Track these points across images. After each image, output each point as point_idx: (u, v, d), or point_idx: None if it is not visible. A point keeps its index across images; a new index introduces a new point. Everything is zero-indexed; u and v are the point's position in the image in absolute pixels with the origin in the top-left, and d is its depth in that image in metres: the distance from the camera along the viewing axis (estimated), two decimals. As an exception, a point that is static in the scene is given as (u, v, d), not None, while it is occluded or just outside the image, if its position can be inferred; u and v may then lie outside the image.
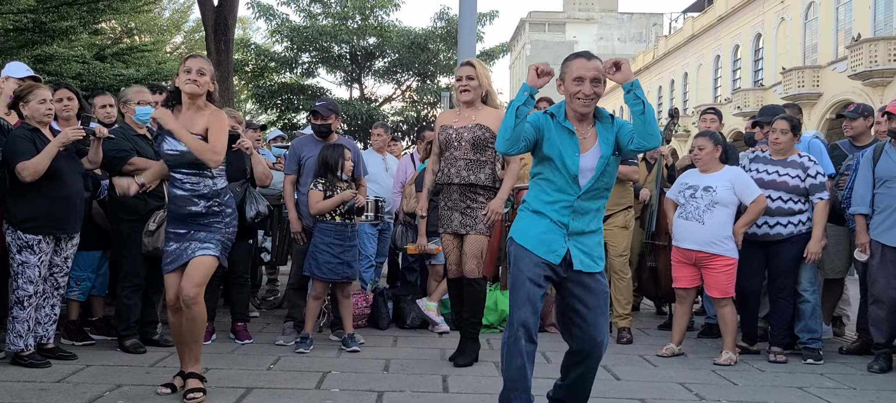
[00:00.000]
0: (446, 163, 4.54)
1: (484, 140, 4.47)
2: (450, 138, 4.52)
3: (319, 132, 5.29)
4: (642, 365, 4.70)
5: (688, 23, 41.33)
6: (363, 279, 6.50)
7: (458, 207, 4.51)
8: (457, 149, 4.50)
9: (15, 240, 4.15)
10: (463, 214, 4.49)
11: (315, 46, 17.82)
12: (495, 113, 4.56)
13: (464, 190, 4.49)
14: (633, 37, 63.97)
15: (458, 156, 4.49)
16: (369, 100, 18.51)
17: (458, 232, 4.53)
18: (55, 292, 4.36)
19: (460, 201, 4.50)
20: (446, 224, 4.57)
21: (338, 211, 4.88)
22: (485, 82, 4.55)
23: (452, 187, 4.52)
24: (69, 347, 4.61)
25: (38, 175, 4.07)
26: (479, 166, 4.49)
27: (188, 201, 3.64)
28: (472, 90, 4.51)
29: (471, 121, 4.50)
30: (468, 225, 4.50)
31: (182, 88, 3.64)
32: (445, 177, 4.54)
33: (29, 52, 12.59)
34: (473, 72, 4.51)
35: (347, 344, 4.88)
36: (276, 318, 5.97)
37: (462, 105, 4.58)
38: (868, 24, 24.29)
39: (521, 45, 65.99)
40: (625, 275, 5.54)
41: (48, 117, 4.28)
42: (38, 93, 4.23)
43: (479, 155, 4.49)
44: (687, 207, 4.88)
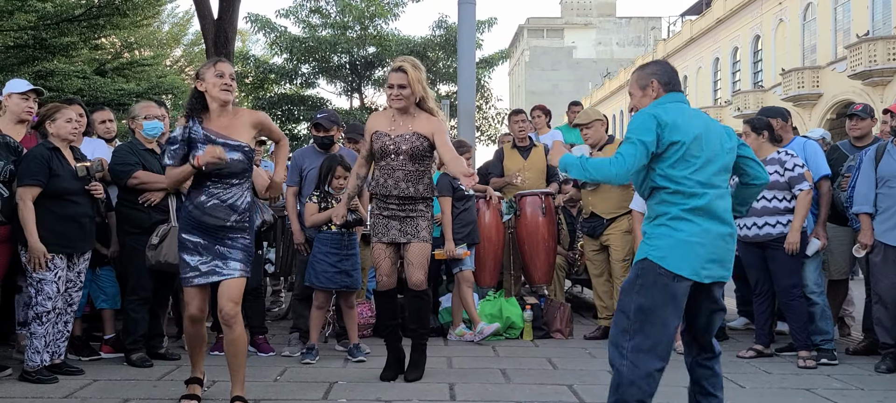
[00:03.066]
0: (382, 172, 4.27)
1: (422, 150, 4.23)
2: (386, 147, 4.23)
3: (322, 144, 5.30)
4: (649, 370, 4.69)
5: (686, 26, 41.39)
6: (368, 288, 6.50)
7: (397, 216, 4.26)
8: (394, 159, 4.23)
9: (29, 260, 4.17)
10: (402, 222, 4.26)
11: (314, 57, 17.87)
12: (430, 120, 4.28)
13: (402, 201, 4.25)
14: (632, 41, 64.06)
15: (396, 167, 4.23)
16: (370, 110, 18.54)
17: (397, 242, 4.29)
18: (68, 308, 4.38)
19: (399, 211, 4.26)
20: (382, 232, 4.29)
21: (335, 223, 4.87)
22: (418, 88, 4.21)
23: (390, 198, 4.26)
24: (76, 362, 4.61)
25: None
26: (418, 177, 4.26)
27: (223, 213, 3.50)
28: (404, 99, 4.21)
29: (408, 130, 4.23)
30: (409, 233, 4.25)
31: (215, 95, 3.49)
32: (382, 188, 4.26)
33: (30, 69, 12.65)
34: (405, 79, 4.18)
35: (353, 354, 4.88)
36: (281, 329, 5.97)
37: (395, 111, 4.28)
38: (866, 24, 24.31)
39: (520, 52, 66.09)
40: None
41: (74, 136, 4.35)
42: (65, 113, 4.30)
43: (416, 166, 4.25)
44: None
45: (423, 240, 4.28)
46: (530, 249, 5.89)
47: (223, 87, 3.48)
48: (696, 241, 2.89)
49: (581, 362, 4.91)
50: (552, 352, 5.21)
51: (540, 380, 4.37)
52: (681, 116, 2.97)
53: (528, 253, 5.92)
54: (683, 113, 3.00)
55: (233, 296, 3.47)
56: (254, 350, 5.09)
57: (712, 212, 2.94)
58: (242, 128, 3.53)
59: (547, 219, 5.89)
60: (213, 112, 3.53)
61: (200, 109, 3.53)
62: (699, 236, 2.90)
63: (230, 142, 3.48)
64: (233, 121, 3.53)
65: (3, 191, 4.17)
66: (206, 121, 3.52)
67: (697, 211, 2.91)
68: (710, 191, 2.94)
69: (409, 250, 4.28)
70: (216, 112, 3.53)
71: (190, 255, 3.51)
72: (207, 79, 3.49)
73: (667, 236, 2.93)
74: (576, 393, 4.05)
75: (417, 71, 4.24)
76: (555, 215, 6.13)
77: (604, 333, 5.73)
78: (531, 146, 6.31)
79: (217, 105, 3.51)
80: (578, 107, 8.04)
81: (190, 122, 3.52)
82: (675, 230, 2.91)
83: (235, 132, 3.51)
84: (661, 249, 2.91)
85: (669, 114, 2.95)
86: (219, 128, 3.50)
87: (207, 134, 3.48)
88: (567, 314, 5.89)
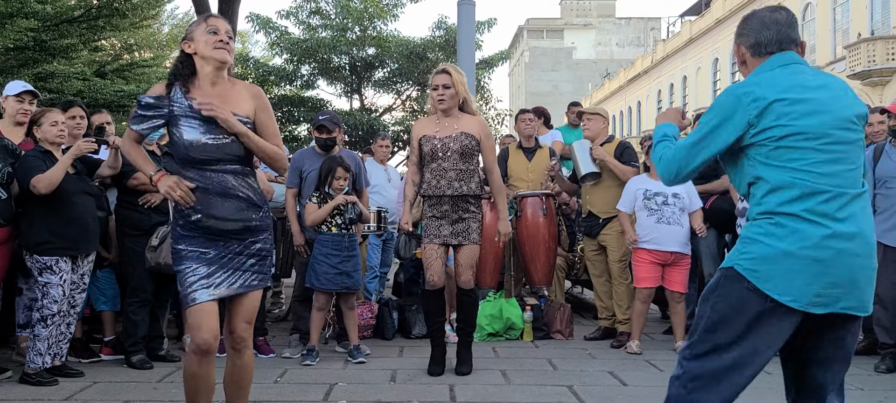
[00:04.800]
0: (433, 174, 4.42)
1: (471, 149, 4.40)
2: (435, 149, 4.39)
3: (325, 146, 5.30)
4: (649, 370, 4.70)
5: (685, 27, 41.40)
6: (368, 290, 6.50)
7: (450, 218, 4.42)
8: (444, 159, 4.39)
9: (35, 264, 4.19)
10: (454, 224, 4.43)
11: (315, 58, 17.85)
12: (477, 120, 4.50)
13: (456, 201, 4.42)
14: (632, 41, 64.07)
15: (448, 167, 4.39)
16: (370, 111, 18.53)
17: (448, 243, 4.47)
18: (72, 310, 4.38)
19: (452, 212, 4.41)
20: (434, 234, 4.45)
21: (335, 221, 4.89)
22: (461, 90, 4.42)
23: (444, 199, 4.41)
24: (76, 364, 4.61)
25: (52, 187, 4.09)
26: (469, 176, 4.42)
27: (241, 214, 2.80)
28: (448, 99, 4.38)
29: (454, 131, 4.40)
30: (461, 235, 4.43)
31: (209, 55, 2.76)
32: (435, 189, 4.41)
33: (30, 71, 12.64)
34: (450, 80, 4.37)
35: (353, 356, 4.88)
36: (281, 331, 5.97)
37: (440, 113, 4.46)
38: (865, 24, 24.33)
39: (520, 52, 66.10)
40: (624, 280, 5.57)
41: (61, 138, 4.35)
42: (50, 116, 4.32)
43: (467, 164, 4.42)
44: (664, 213, 5.19)
45: (473, 243, 4.46)
46: (531, 250, 5.90)
47: (217, 44, 2.75)
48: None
49: (581, 363, 4.91)
50: (552, 353, 5.21)
51: (540, 381, 4.37)
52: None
53: (528, 254, 5.93)
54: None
55: (248, 315, 2.90)
56: (255, 351, 5.09)
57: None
58: (240, 99, 2.82)
59: (547, 220, 5.90)
60: (203, 79, 2.79)
61: (188, 73, 2.80)
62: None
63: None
64: (229, 91, 2.82)
65: (2, 194, 4.17)
66: (194, 91, 2.78)
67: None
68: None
69: (461, 252, 4.46)
70: (209, 78, 2.79)
71: (191, 264, 2.78)
72: (197, 38, 2.78)
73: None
74: (576, 394, 4.05)
75: (460, 74, 4.45)
76: (555, 216, 6.14)
77: (604, 334, 5.74)
78: (536, 147, 6.32)
79: (211, 68, 2.78)
80: (577, 107, 8.05)
81: (171, 91, 2.78)
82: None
83: (233, 102, 2.79)
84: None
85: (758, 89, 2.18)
86: (212, 97, 2.76)
87: (197, 105, 2.73)
88: (567, 315, 5.89)
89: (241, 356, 2.92)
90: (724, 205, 5.54)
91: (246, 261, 2.84)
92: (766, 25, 2.28)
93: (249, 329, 2.91)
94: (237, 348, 2.91)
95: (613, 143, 5.75)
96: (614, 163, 5.58)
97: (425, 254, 4.51)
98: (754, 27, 2.30)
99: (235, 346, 2.91)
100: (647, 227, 5.23)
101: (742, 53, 2.35)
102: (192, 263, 2.77)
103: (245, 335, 2.90)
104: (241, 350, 2.91)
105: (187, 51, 2.81)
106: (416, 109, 18.60)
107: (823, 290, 2.08)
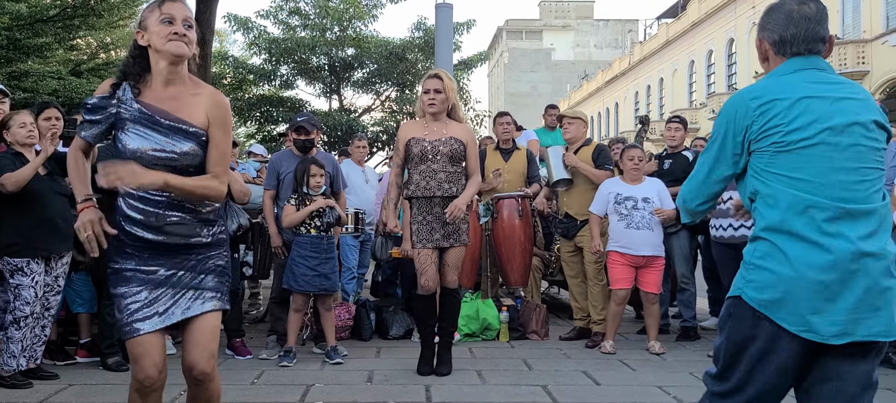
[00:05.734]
0: (423, 176, 4.47)
1: (459, 153, 4.48)
2: (425, 151, 4.46)
3: (303, 147, 5.32)
4: (622, 370, 4.77)
5: (662, 29, 41.80)
6: (346, 291, 6.53)
7: (440, 220, 4.46)
8: (434, 162, 4.46)
9: (6, 266, 4.17)
10: (445, 227, 4.47)
11: (293, 58, 17.80)
12: (464, 127, 4.60)
13: (445, 202, 4.46)
14: (610, 43, 64.56)
15: (437, 169, 4.45)
16: (348, 111, 18.52)
17: (441, 246, 4.50)
18: (46, 313, 4.36)
19: (442, 213, 4.45)
20: (426, 238, 4.47)
21: (313, 224, 4.91)
22: (451, 96, 4.51)
23: (434, 200, 4.46)
24: (51, 366, 4.59)
25: (19, 185, 4.09)
26: (457, 178, 4.51)
27: (189, 229, 2.39)
28: (438, 103, 4.47)
29: (444, 135, 4.47)
30: (452, 238, 4.49)
31: (162, 48, 2.32)
32: (424, 190, 4.46)
33: (3, 70, 12.49)
34: (441, 85, 4.46)
35: (330, 357, 4.91)
36: (258, 332, 5.98)
37: (429, 117, 4.53)
38: (836, 28, 24.74)
39: (499, 53, 66.29)
40: (599, 281, 5.65)
41: (31, 139, 4.34)
42: (18, 119, 4.33)
43: (455, 167, 4.50)
44: (633, 217, 5.27)
45: (462, 244, 4.54)
46: (507, 251, 5.96)
47: (171, 36, 2.31)
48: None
49: (556, 363, 4.98)
50: (528, 353, 5.27)
51: (515, 381, 4.43)
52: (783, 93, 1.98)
53: (504, 255, 5.98)
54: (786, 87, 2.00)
55: (208, 344, 2.39)
56: (231, 353, 5.10)
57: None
58: (196, 108, 2.37)
59: (523, 222, 5.96)
60: (157, 77, 2.37)
61: (139, 71, 2.37)
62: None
63: (179, 124, 2.34)
64: (186, 94, 2.38)
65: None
66: (146, 90, 2.37)
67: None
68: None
69: (449, 253, 4.52)
70: (162, 77, 2.36)
71: (131, 287, 2.35)
72: (150, 27, 2.34)
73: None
74: (549, 394, 4.12)
75: (451, 81, 4.54)
76: (531, 217, 6.20)
77: (579, 334, 5.82)
78: (513, 148, 6.38)
79: (165, 64, 2.34)
80: (555, 110, 8.14)
81: (120, 90, 2.36)
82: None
83: (186, 110, 2.36)
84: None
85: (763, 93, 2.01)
86: (163, 101, 2.34)
87: (145, 109, 2.32)
88: (543, 315, 5.96)
89: (203, 389, 2.42)
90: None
91: (200, 279, 2.41)
92: (794, 21, 2.04)
93: (213, 361, 2.39)
94: (199, 382, 2.40)
95: (591, 146, 5.83)
96: (587, 168, 5.67)
97: (419, 259, 4.51)
98: (780, 22, 2.06)
99: (197, 382, 2.40)
100: (618, 231, 5.32)
101: (764, 49, 2.11)
102: (132, 286, 2.35)
103: (207, 369, 2.37)
104: (203, 383, 2.40)
105: (140, 42, 2.37)
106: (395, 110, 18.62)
107: (839, 316, 1.87)
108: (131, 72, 2.37)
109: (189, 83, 2.42)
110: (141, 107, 2.34)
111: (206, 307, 2.40)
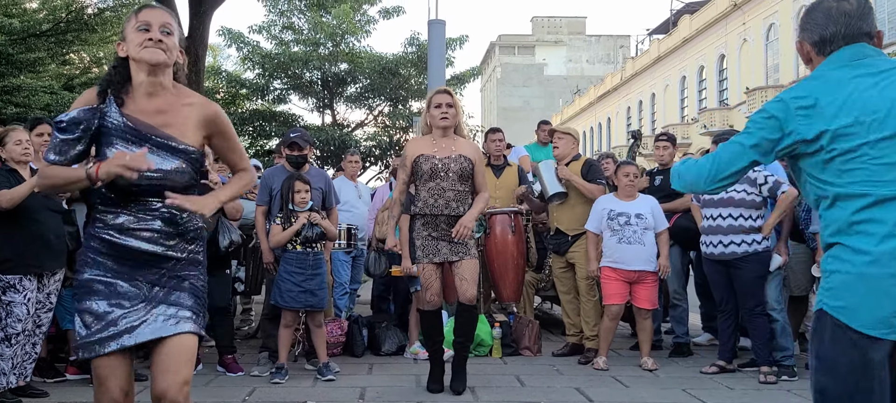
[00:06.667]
0: (431, 193, 4.43)
1: (468, 172, 4.48)
2: (435, 168, 4.43)
3: (296, 163, 5.32)
4: (614, 386, 4.77)
5: (654, 45, 42.08)
6: (338, 306, 6.52)
7: (446, 237, 4.43)
8: (444, 179, 4.43)
9: None
10: (451, 242, 4.44)
11: (287, 73, 17.84)
12: (472, 144, 4.66)
13: (451, 221, 4.44)
14: (601, 58, 64.92)
15: (447, 188, 4.43)
16: (341, 126, 18.55)
17: (448, 260, 4.46)
18: (37, 330, 4.34)
19: (448, 231, 4.42)
20: (431, 253, 4.45)
21: (299, 239, 4.90)
22: (459, 111, 4.58)
23: (440, 218, 4.43)
24: (40, 384, 4.56)
25: (15, 202, 4.08)
26: (464, 197, 4.49)
27: (161, 243, 2.25)
28: (451, 117, 4.51)
29: (452, 152, 4.48)
30: (460, 251, 4.44)
31: (138, 57, 2.22)
32: (432, 208, 4.42)
33: (-4, 84, 12.46)
34: (451, 100, 4.53)
35: (323, 374, 4.89)
36: (250, 349, 5.95)
37: (438, 132, 4.53)
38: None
39: (492, 69, 66.55)
40: (592, 297, 5.65)
41: (26, 156, 4.33)
42: (14, 135, 4.32)
43: (464, 185, 4.49)
44: (624, 233, 5.28)
45: (473, 257, 4.50)
46: (500, 267, 5.96)
47: (144, 43, 2.20)
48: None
49: (549, 379, 4.98)
50: (520, 369, 5.27)
51: (507, 397, 4.42)
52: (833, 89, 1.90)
53: (497, 271, 5.98)
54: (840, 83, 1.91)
55: (181, 369, 2.19)
56: (223, 369, 5.08)
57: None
58: (188, 123, 2.28)
59: (516, 237, 5.97)
60: (139, 89, 2.26)
61: (121, 83, 2.26)
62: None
63: (169, 142, 2.24)
64: (172, 107, 2.28)
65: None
66: (130, 103, 2.25)
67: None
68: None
69: (462, 267, 4.46)
70: (144, 89, 2.26)
71: (98, 302, 2.20)
72: (128, 36, 2.25)
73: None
74: (543, 410, 4.11)
75: (457, 97, 4.59)
76: (524, 233, 6.21)
77: (572, 350, 5.82)
78: (505, 165, 6.40)
79: (144, 76, 2.24)
80: (548, 126, 8.17)
81: (104, 102, 2.24)
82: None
83: (177, 126, 2.26)
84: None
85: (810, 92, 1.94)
86: (149, 115, 2.24)
87: (130, 123, 2.22)
88: (536, 331, 5.96)
89: None
90: (687, 223, 5.65)
91: (175, 296, 2.26)
92: (833, 19, 1.97)
93: (185, 388, 2.19)
94: None
95: (580, 162, 5.85)
96: (581, 182, 5.68)
97: (423, 275, 4.48)
98: (819, 21, 2.00)
99: None
100: (610, 247, 5.33)
101: (806, 51, 2.05)
102: (99, 300, 2.20)
103: (179, 398, 2.16)
104: None
105: (120, 54, 2.27)
106: (388, 125, 18.65)
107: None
108: (113, 81, 2.25)
109: (175, 92, 2.31)
110: (126, 120, 2.22)
111: (180, 328, 2.21)
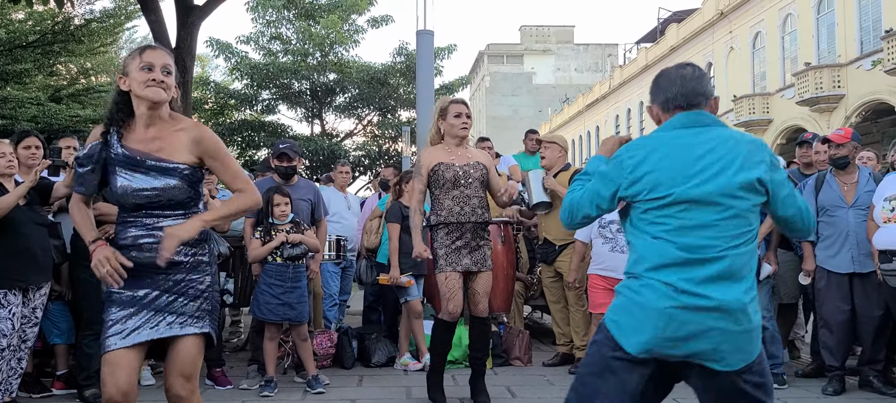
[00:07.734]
0: (456, 202, 4.39)
1: (487, 179, 4.52)
2: (458, 176, 4.41)
3: (285, 174, 5.30)
4: (605, 396, 4.76)
5: (641, 53, 42.27)
6: (327, 318, 6.49)
7: (469, 246, 4.41)
8: (467, 187, 4.42)
9: None
10: (473, 253, 4.42)
11: (275, 83, 17.82)
12: (484, 152, 4.74)
13: (477, 228, 4.44)
14: (590, 67, 65.11)
15: (471, 195, 4.42)
16: (330, 136, 18.53)
17: (470, 270, 4.42)
18: (23, 345, 4.30)
19: (472, 240, 4.41)
20: (455, 262, 4.38)
21: (279, 252, 4.88)
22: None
23: (466, 226, 4.40)
24: (26, 399, 4.51)
25: (2, 213, 4.04)
26: (486, 204, 4.52)
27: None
28: (469, 126, 4.58)
29: (471, 160, 4.49)
30: (479, 263, 4.43)
31: (141, 94, 2.52)
32: (459, 216, 4.38)
33: (-19, 96, 12.39)
34: (470, 111, 4.59)
35: (312, 386, 4.86)
36: (239, 361, 5.92)
37: (453, 141, 4.51)
38: (812, 53, 25.17)
39: (481, 77, 66.67)
40: (580, 306, 5.66)
41: (10, 169, 4.30)
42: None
43: (484, 192, 4.53)
44: (618, 241, 5.23)
45: (489, 270, 4.50)
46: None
47: (149, 82, 2.50)
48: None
49: (539, 390, 4.97)
50: (511, 380, 5.26)
51: (498, 409, 4.41)
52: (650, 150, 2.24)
53: (487, 281, 5.97)
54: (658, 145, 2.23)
55: (183, 368, 2.50)
56: (211, 383, 5.04)
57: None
58: (178, 146, 2.57)
59: (506, 247, 5.97)
60: (139, 120, 2.58)
61: (123, 117, 2.59)
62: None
63: (160, 163, 2.54)
64: (166, 133, 2.58)
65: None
66: (129, 134, 2.58)
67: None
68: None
69: (478, 280, 4.46)
70: (144, 120, 2.57)
71: (118, 310, 2.52)
72: (131, 74, 2.55)
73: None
74: (533, 421, 4.10)
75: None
76: (513, 243, 6.21)
77: (562, 360, 5.82)
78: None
79: (145, 109, 2.54)
80: (535, 135, 8.19)
81: (109, 135, 2.60)
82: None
83: (168, 149, 2.56)
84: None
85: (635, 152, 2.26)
86: (145, 143, 2.56)
87: (128, 152, 2.54)
88: (526, 341, 5.95)
89: None
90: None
91: (180, 302, 2.52)
92: (673, 81, 2.29)
93: (188, 385, 2.48)
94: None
95: (568, 172, 5.86)
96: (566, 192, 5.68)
97: (446, 284, 4.37)
98: (662, 85, 2.32)
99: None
100: (601, 255, 5.31)
101: (655, 113, 2.36)
102: (117, 308, 2.50)
103: (181, 392, 2.47)
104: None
105: (122, 87, 2.56)
106: (377, 134, 18.64)
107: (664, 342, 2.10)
108: (115, 119, 2.59)
109: (169, 121, 2.62)
110: (125, 150, 2.56)
111: (185, 330, 2.51)
